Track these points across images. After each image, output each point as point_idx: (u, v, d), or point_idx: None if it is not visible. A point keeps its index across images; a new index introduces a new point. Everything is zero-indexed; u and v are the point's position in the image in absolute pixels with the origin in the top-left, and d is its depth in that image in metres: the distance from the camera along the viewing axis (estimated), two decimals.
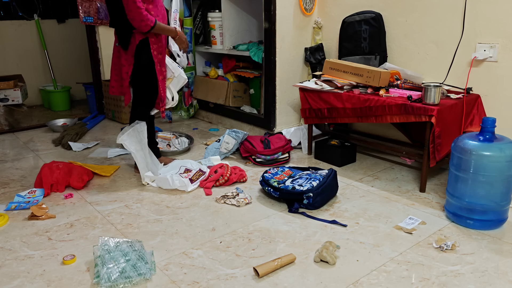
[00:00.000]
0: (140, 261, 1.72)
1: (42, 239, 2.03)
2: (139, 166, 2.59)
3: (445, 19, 2.71)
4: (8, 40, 4.78)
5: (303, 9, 3.34)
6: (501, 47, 2.49)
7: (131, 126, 2.59)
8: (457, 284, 1.67)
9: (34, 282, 1.71)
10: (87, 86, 4.56)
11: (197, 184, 2.60)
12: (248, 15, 3.87)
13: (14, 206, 2.35)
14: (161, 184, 2.59)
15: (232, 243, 1.98)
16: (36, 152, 3.32)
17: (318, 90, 2.88)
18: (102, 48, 4.23)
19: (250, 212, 2.29)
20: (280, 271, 1.76)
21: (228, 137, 3.06)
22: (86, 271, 1.78)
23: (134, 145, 2.55)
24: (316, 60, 3.42)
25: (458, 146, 2.07)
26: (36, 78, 5.03)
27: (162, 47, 2.64)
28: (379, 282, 1.69)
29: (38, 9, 4.90)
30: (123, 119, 4.10)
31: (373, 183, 2.66)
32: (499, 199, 2.02)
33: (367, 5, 3.09)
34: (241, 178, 2.67)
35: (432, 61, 2.83)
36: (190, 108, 4.25)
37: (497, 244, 1.96)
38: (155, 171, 2.68)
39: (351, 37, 3.12)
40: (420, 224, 2.14)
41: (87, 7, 3.99)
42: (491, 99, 2.59)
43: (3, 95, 3.91)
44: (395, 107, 2.48)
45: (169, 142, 3.23)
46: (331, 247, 1.83)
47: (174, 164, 2.82)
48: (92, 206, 2.38)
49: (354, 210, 2.30)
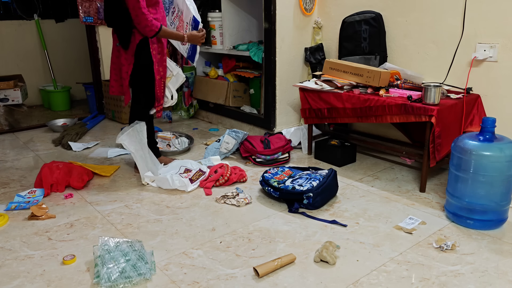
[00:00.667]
0: (140, 261, 1.72)
1: (42, 239, 2.03)
2: (138, 166, 2.59)
3: (445, 19, 2.71)
4: (8, 40, 4.78)
5: (303, 9, 3.34)
6: (501, 47, 2.49)
7: (131, 126, 2.59)
8: (457, 284, 1.67)
9: (34, 282, 1.71)
10: (87, 86, 4.56)
11: (197, 184, 2.60)
12: (248, 15, 3.87)
13: (14, 206, 2.35)
14: (161, 184, 2.59)
15: (232, 243, 1.98)
16: (36, 152, 3.32)
17: (318, 90, 2.88)
18: (102, 48, 4.22)
19: (250, 212, 2.29)
20: (280, 271, 1.76)
21: (228, 137, 3.06)
22: (86, 271, 1.78)
23: (134, 145, 2.55)
24: (316, 60, 3.42)
25: (458, 146, 2.07)
26: (36, 78, 5.03)
27: (162, 47, 2.64)
28: (379, 282, 1.69)
29: (38, 9, 4.90)
30: (123, 119, 4.10)
31: (373, 183, 2.66)
32: (499, 199, 2.02)
33: (367, 5, 3.09)
34: (241, 178, 2.67)
35: (432, 61, 2.83)
36: (190, 108, 4.25)
37: (497, 244, 1.96)
38: (155, 171, 2.68)
39: (351, 37, 3.12)
40: (420, 224, 2.14)
41: (87, 7, 3.99)
42: (491, 99, 2.59)
43: (3, 95, 3.91)
44: (395, 107, 2.48)
45: (169, 142, 3.23)
46: (331, 247, 1.83)
47: (174, 164, 2.81)
48: (92, 206, 2.38)
49: (354, 210, 2.30)
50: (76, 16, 4.63)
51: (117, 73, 2.68)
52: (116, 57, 2.65)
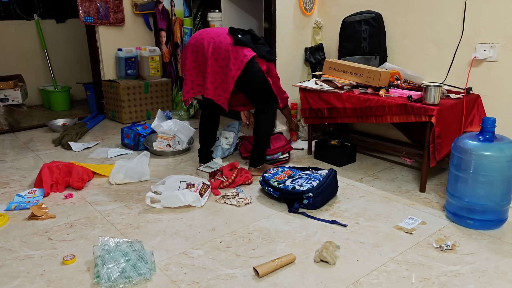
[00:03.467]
0: (140, 261, 1.72)
1: (42, 239, 2.03)
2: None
3: (445, 19, 2.71)
4: (8, 40, 4.78)
5: (303, 9, 3.34)
6: (501, 47, 2.49)
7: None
8: (457, 284, 1.67)
9: (34, 282, 1.71)
10: (87, 86, 4.56)
11: (207, 197, 2.45)
12: (248, 15, 3.87)
13: (14, 206, 2.35)
14: (169, 203, 2.32)
15: (232, 243, 1.98)
16: (36, 152, 3.32)
17: (318, 90, 2.88)
18: (102, 48, 4.22)
19: (250, 212, 2.29)
20: (280, 271, 1.76)
21: (225, 132, 3.08)
22: (86, 271, 1.78)
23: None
24: (316, 60, 3.42)
25: (458, 146, 2.07)
26: (36, 78, 5.03)
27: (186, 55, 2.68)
28: (379, 282, 1.69)
29: (38, 9, 4.90)
30: (123, 119, 4.10)
31: (373, 183, 2.66)
32: (499, 199, 2.02)
33: (367, 5, 3.09)
34: (247, 180, 2.64)
35: (432, 61, 2.83)
36: (190, 108, 4.25)
37: (497, 244, 1.96)
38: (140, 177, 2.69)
39: (351, 37, 3.13)
40: (420, 224, 2.14)
41: (87, 7, 3.99)
42: (491, 99, 2.59)
43: (3, 95, 3.90)
44: (395, 107, 2.48)
45: (169, 142, 3.23)
46: (331, 247, 1.83)
47: (171, 180, 2.55)
48: (92, 206, 2.38)
49: (354, 210, 2.30)
50: (76, 16, 4.63)
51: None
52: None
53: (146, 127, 3.41)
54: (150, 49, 4.33)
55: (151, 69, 4.31)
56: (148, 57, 4.27)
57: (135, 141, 3.29)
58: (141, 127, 3.39)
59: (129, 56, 4.24)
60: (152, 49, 4.33)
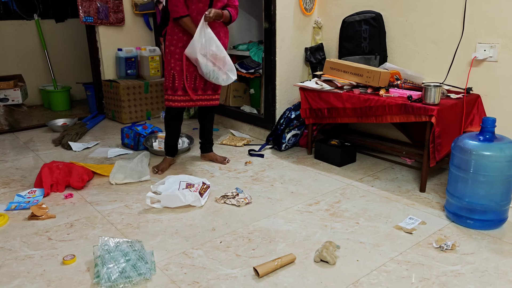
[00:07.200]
0: (140, 261, 1.72)
1: (42, 239, 2.03)
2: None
3: (445, 19, 2.71)
4: (8, 40, 4.78)
5: (303, 9, 3.34)
6: (501, 47, 2.49)
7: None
8: (457, 284, 1.67)
9: (34, 282, 1.71)
10: (87, 86, 4.56)
11: (207, 197, 2.45)
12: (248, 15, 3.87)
13: (14, 206, 2.35)
14: (169, 203, 2.32)
15: (232, 243, 1.98)
16: (36, 152, 3.32)
17: (318, 90, 2.88)
18: (102, 48, 4.22)
19: (250, 212, 2.29)
20: (280, 271, 1.76)
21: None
22: (86, 271, 1.78)
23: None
24: (316, 60, 3.42)
25: (458, 146, 2.07)
26: (36, 78, 5.03)
27: (176, 40, 2.67)
28: (379, 282, 1.69)
29: (38, 9, 4.90)
30: (123, 119, 4.10)
31: (373, 183, 2.66)
32: (499, 199, 2.02)
33: (367, 5, 3.09)
34: None
35: (432, 61, 2.83)
36: (190, 108, 4.25)
37: (497, 244, 1.96)
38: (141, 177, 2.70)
39: (351, 37, 3.13)
40: (420, 224, 2.14)
41: (87, 7, 3.99)
42: (491, 99, 2.59)
43: (3, 95, 3.91)
44: (395, 107, 2.48)
45: None
46: (331, 247, 1.83)
47: (170, 181, 2.54)
48: (92, 206, 2.38)
49: (354, 210, 2.30)
50: (76, 16, 4.63)
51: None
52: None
53: (146, 127, 3.41)
54: (150, 49, 4.33)
55: (151, 69, 4.31)
56: (148, 57, 4.27)
57: (135, 141, 3.29)
58: (141, 127, 3.39)
59: (129, 56, 4.25)
60: (152, 49, 4.34)
